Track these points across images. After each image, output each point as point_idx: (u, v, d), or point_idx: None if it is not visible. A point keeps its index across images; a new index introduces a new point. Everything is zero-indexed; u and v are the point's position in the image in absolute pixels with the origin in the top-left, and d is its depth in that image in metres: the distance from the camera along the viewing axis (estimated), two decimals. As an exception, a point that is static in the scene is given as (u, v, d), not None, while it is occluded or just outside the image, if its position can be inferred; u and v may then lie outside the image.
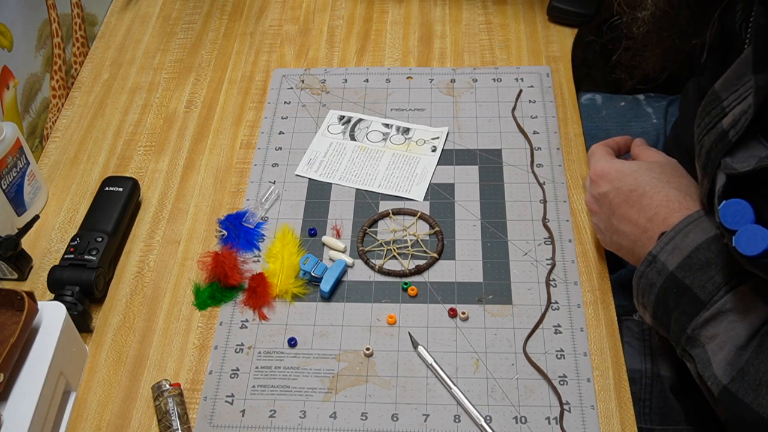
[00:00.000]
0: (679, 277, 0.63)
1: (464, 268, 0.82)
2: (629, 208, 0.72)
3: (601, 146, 0.81)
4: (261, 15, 1.16)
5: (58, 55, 1.06)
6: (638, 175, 0.73)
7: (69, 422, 0.74)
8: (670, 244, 0.65)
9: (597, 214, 0.77)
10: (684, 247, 0.64)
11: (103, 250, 0.82)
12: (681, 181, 0.72)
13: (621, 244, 0.74)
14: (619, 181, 0.74)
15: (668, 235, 0.66)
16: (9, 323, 0.69)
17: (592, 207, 0.78)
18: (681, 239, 0.65)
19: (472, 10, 1.13)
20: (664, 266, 0.65)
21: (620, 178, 0.74)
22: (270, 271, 0.83)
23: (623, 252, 0.75)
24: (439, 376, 0.74)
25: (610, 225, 0.75)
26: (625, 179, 0.74)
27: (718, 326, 0.61)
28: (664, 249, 0.65)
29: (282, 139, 0.97)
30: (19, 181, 0.88)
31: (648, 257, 0.66)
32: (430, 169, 0.92)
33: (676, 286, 0.64)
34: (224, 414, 0.73)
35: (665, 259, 0.65)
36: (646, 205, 0.71)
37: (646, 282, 0.67)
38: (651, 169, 0.74)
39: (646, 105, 1.07)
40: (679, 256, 0.64)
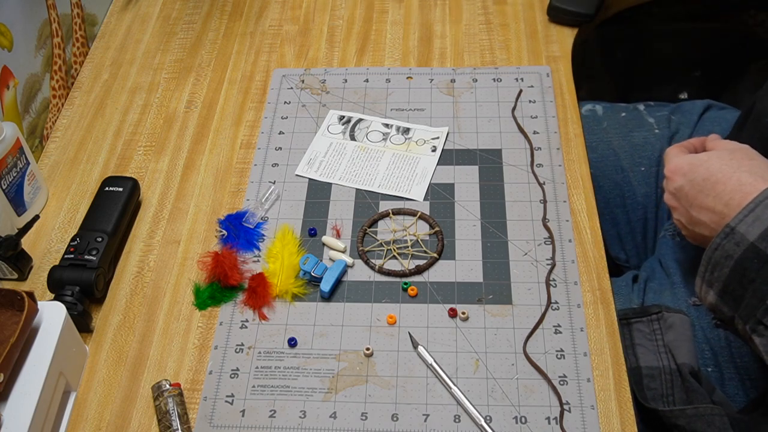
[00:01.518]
0: (761, 248, 0.64)
1: (464, 268, 0.82)
2: (705, 197, 0.73)
3: (674, 147, 0.82)
4: (261, 15, 1.16)
5: (58, 55, 1.06)
6: (709, 164, 0.74)
7: (69, 422, 0.74)
8: (750, 216, 0.66)
9: (677, 209, 0.78)
10: (765, 219, 0.65)
11: (103, 250, 0.82)
12: (752, 163, 0.72)
13: (704, 234, 0.74)
14: (692, 173, 0.75)
15: (748, 207, 0.66)
16: (9, 323, 0.69)
17: (671, 203, 0.79)
18: (762, 211, 0.65)
19: (472, 10, 1.13)
20: (743, 237, 0.65)
21: (692, 169, 0.75)
22: (270, 271, 0.83)
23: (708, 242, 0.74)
24: (439, 376, 0.74)
25: (691, 217, 0.76)
26: (698, 170, 0.75)
27: None
28: (744, 221, 0.66)
29: (282, 139, 0.97)
30: (19, 181, 0.88)
31: (725, 229, 0.67)
32: (430, 169, 0.92)
33: (756, 256, 0.64)
34: (224, 414, 0.73)
35: (744, 230, 0.66)
36: (721, 191, 0.71)
37: (721, 254, 0.67)
38: (720, 156, 0.74)
39: (647, 115, 1.06)
40: (759, 227, 0.65)
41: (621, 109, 1.08)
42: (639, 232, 1.03)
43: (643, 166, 1.02)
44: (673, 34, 1.56)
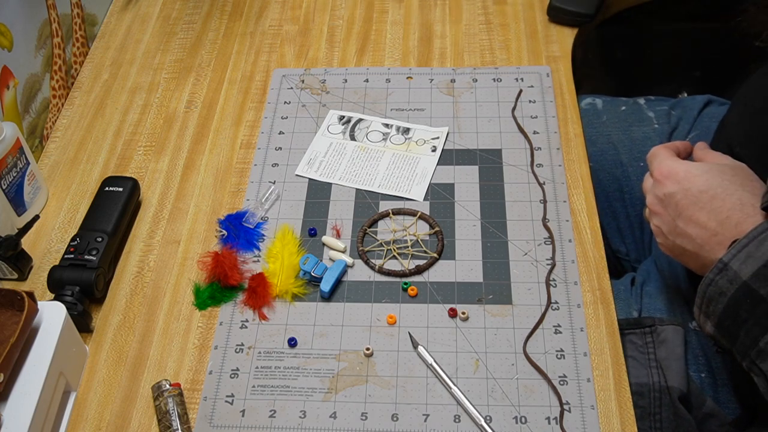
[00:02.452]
0: (754, 287, 0.60)
1: (464, 268, 0.82)
2: (698, 210, 0.69)
3: (662, 147, 0.77)
4: (261, 15, 1.16)
5: (58, 55, 1.06)
6: (709, 176, 0.70)
7: (69, 422, 0.74)
8: (743, 252, 0.62)
9: (661, 215, 0.74)
10: (759, 256, 0.61)
11: (103, 250, 0.82)
12: (754, 185, 0.69)
13: (685, 248, 0.71)
14: (687, 181, 0.70)
15: (741, 242, 0.62)
16: (9, 323, 0.69)
17: (655, 209, 0.75)
18: (755, 247, 0.61)
19: (472, 10, 1.13)
20: (736, 275, 0.62)
21: (689, 178, 0.71)
22: (270, 271, 0.83)
23: (686, 257, 0.72)
24: (439, 376, 0.74)
25: (675, 228, 0.71)
26: (695, 180, 0.70)
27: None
28: (737, 257, 0.62)
29: (282, 139, 0.97)
30: (19, 181, 0.88)
31: (718, 264, 0.63)
32: (430, 169, 0.92)
33: (749, 296, 0.61)
34: (224, 414, 0.73)
35: (738, 267, 0.62)
36: (717, 207, 0.67)
37: (715, 290, 0.63)
38: (722, 171, 0.70)
39: (647, 109, 1.06)
40: (753, 265, 0.61)
41: (621, 103, 1.08)
42: (637, 227, 1.02)
43: (642, 161, 1.01)
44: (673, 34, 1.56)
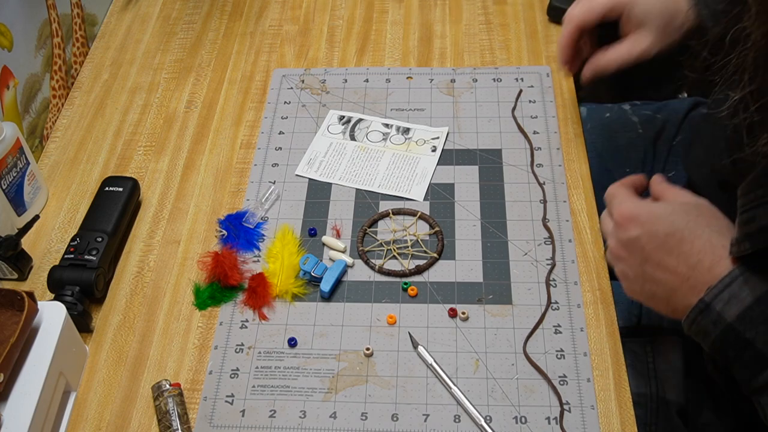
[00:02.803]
0: (740, 330, 0.59)
1: (464, 268, 0.82)
2: (666, 255, 0.65)
3: (620, 186, 0.74)
4: (261, 15, 1.16)
5: (58, 55, 1.06)
6: (674, 218, 0.66)
7: (69, 422, 0.74)
8: (726, 293, 0.60)
9: (626, 260, 0.70)
10: (743, 298, 0.59)
11: (103, 250, 0.82)
12: (720, 223, 0.66)
13: (654, 293, 0.67)
14: (651, 224, 0.67)
15: (723, 282, 0.60)
16: (9, 323, 0.69)
17: (618, 253, 0.71)
18: (738, 288, 0.59)
19: (472, 10, 1.13)
20: (720, 317, 0.60)
21: (653, 221, 0.67)
22: (270, 271, 0.83)
23: (656, 301, 0.68)
24: (439, 376, 0.74)
25: (642, 273, 0.68)
26: (660, 223, 0.67)
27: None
28: (719, 297, 0.60)
29: (282, 139, 0.97)
30: (19, 181, 0.88)
31: (699, 305, 0.61)
32: (430, 169, 0.92)
33: (735, 338, 0.59)
34: (224, 414, 0.73)
35: (721, 308, 0.60)
36: (687, 251, 0.64)
37: (697, 329, 0.62)
38: (687, 211, 0.67)
39: (631, 114, 1.04)
40: (738, 307, 0.59)
41: (605, 109, 1.06)
42: None
43: (628, 168, 1.00)
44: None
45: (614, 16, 0.83)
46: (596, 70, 0.85)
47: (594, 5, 0.83)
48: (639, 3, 0.81)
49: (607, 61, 0.84)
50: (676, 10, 0.80)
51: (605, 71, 0.85)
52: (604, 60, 0.84)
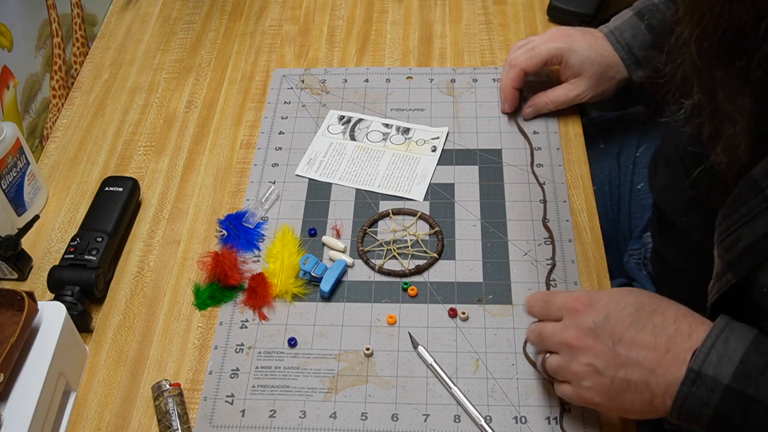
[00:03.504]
0: (739, 389, 0.55)
1: (464, 268, 0.82)
2: (640, 331, 0.61)
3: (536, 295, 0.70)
4: (261, 15, 1.16)
5: (58, 55, 1.06)
6: (635, 296, 0.63)
7: (69, 422, 0.74)
8: (712, 355, 0.57)
9: (593, 348, 0.62)
10: (731, 355, 0.56)
11: (103, 250, 0.82)
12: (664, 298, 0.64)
13: (630, 380, 0.61)
14: (617, 303, 0.63)
15: (706, 345, 0.57)
16: (9, 323, 0.69)
17: (581, 343, 0.63)
18: (723, 347, 0.57)
19: (472, 10, 1.13)
20: (715, 381, 0.56)
21: (616, 300, 0.63)
22: (270, 271, 0.83)
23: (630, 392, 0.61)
24: (439, 376, 0.74)
25: (616, 358, 0.61)
26: (623, 301, 0.63)
27: None
28: (707, 361, 0.57)
29: (282, 139, 0.97)
30: (19, 181, 0.88)
31: (689, 375, 0.57)
32: (430, 169, 0.92)
33: (738, 400, 0.55)
34: (224, 414, 0.73)
35: (714, 372, 0.56)
36: (660, 323, 0.61)
37: (694, 403, 0.57)
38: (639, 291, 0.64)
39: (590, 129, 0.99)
40: (730, 366, 0.56)
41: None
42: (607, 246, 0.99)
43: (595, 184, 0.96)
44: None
45: (554, 63, 0.93)
46: (536, 109, 0.95)
47: (535, 54, 0.92)
48: (576, 53, 0.90)
49: (545, 102, 0.94)
50: (609, 63, 0.90)
51: (543, 111, 0.95)
52: (543, 101, 0.94)
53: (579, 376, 0.63)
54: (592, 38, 0.91)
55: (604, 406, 0.63)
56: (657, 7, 0.90)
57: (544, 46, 0.92)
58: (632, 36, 0.90)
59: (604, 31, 0.93)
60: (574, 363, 0.63)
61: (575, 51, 0.90)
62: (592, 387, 0.63)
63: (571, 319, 0.65)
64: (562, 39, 0.91)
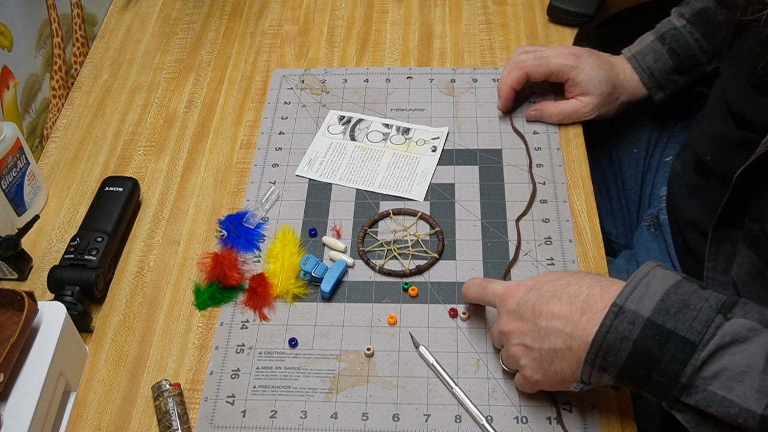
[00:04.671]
0: (658, 323, 0.59)
1: (465, 268, 0.82)
2: (557, 302, 0.65)
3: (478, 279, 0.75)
4: (261, 15, 1.16)
5: (58, 55, 1.06)
6: (555, 274, 0.68)
7: (69, 422, 0.74)
8: (635, 293, 0.61)
9: (518, 329, 0.67)
10: (652, 294, 0.60)
11: (103, 250, 0.82)
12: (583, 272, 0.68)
13: (555, 348, 0.65)
14: (536, 283, 0.68)
15: (629, 287, 0.61)
16: (9, 323, 0.69)
17: (510, 327, 0.68)
18: (644, 288, 0.61)
19: (472, 10, 1.13)
20: (636, 314, 0.60)
21: (537, 281, 0.68)
22: (270, 272, 0.83)
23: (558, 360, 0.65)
24: (441, 376, 0.74)
25: (539, 330, 0.66)
26: (543, 279, 0.68)
27: (722, 361, 0.57)
28: (630, 298, 0.60)
29: (282, 139, 0.97)
30: (19, 181, 0.87)
31: (612, 309, 0.61)
32: (430, 169, 0.92)
33: (657, 332, 0.59)
34: (225, 414, 0.73)
35: (635, 307, 0.60)
36: (575, 291, 0.65)
37: (614, 337, 0.60)
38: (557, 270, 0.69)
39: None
40: (651, 302, 0.60)
41: None
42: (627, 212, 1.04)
43: (635, 148, 1.03)
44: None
45: (558, 79, 0.94)
46: (541, 115, 0.96)
47: (545, 63, 0.93)
48: (584, 72, 0.92)
49: (551, 113, 0.95)
50: (616, 84, 0.93)
51: (546, 120, 0.96)
52: (550, 110, 0.95)
53: (517, 357, 0.69)
54: (599, 60, 0.93)
55: (543, 382, 0.68)
56: (679, 32, 0.93)
57: (555, 60, 0.93)
58: (654, 60, 0.93)
59: (626, 55, 0.95)
60: (511, 347, 0.69)
61: (583, 71, 0.92)
62: (528, 364, 0.68)
63: (501, 307, 0.70)
64: (571, 58, 0.93)
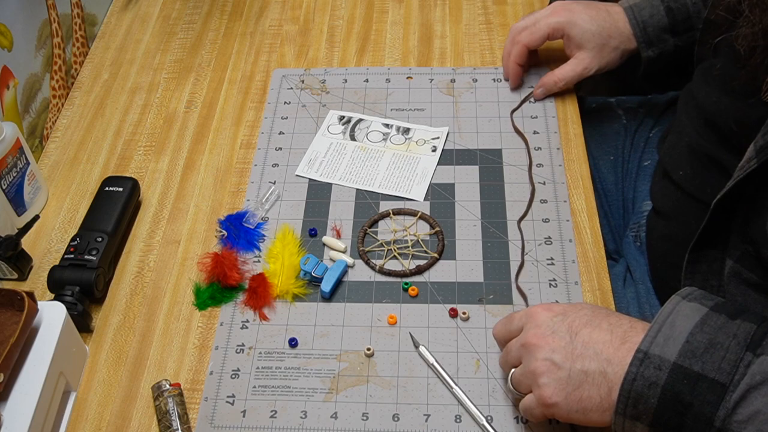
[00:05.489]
0: (685, 366, 0.57)
1: (465, 268, 0.82)
2: (596, 328, 0.62)
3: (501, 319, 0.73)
4: (261, 15, 1.16)
5: (58, 55, 1.06)
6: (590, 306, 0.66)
7: (69, 422, 0.74)
8: (659, 336, 0.59)
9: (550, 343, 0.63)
10: (677, 336, 0.58)
11: (103, 250, 0.82)
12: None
13: (588, 369, 0.61)
14: (573, 309, 0.65)
15: (653, 329, 0.59)
16: (9, 323, 0.69)
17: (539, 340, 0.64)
18: (669, 329, 0.59)
19: (472, 10, 1.13)
20: (662, 359, 0.57)
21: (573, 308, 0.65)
22: (270, 272, 0.83)
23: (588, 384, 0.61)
24: (441, 376, 0.74)
25: (573, 350, 0.62)
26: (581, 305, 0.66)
27: (755, 403, 0.54)
28: (654, 343, 0.58)
29: (282, 139, 0.97)
30: (19, 181, 0.87)
31: (638, 355, 0.58)
32: (430, 169, 0.92)
33: (685, 376, 0.56)
34: (225, 414, 0.73)
35: (660, 351, 0.58)
36: (615, 321, 0.63)
37: (642, 383, 0.58)
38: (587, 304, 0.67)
39: (616, 107, 1.07)
40: (675, 345, 0.58)
41: (591, 101, 1.10)
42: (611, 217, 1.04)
43: (611, 155, 1.03)
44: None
45: (557, 37, 0.94)
46: (546, 89, 0.97)
47: (537, 29, 0.94)
48: (576, 26, 0.92)
49: (554, 81, 0.96)
50: (611, 32, 0.92)
51: (554, 90, 0.97)
52: (552, 80, 0.96)
53: (537, 374, 0.63)
54: (595, 10, 0.92)
55: (561, 406, 0.62)
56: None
57: (544, 21, 0.93)
58: (650, 15, 0.91)
59: (623, 5, 0.94)
60: (533, 361, 0.63)
61: (576, 24, 0.91)
62: (549, 383, 0.62)
63: (530, 321, 0.66)
64: (562, 13, 0.92)
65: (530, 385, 0.64)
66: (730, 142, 0.74)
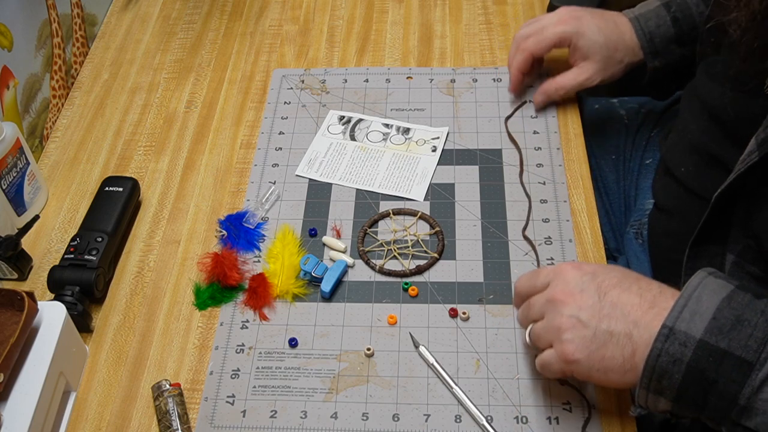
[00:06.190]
0: (711, 343, 0.56)
1: (465, 268, 0.82)
2: (625, 290, 0.62)
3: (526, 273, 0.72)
4: (261, 15, 1.16)
5: (58, 55, 1.06)
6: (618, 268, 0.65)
7: (69, 422, 0.74)
8: (686, 311, 0.58)
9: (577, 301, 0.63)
10: (704, 311, 0.57)
11: (103, 250, 0.82)
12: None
13: (614, 330, 0.61)
14: (603, 267, 0.65)
15: (679, 303, 0.58)
16: (9, 323, 0.69)
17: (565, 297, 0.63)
18: (695, 304, 0.58)
19: (472, 10, 1.13)
20: (687, 335, 0.57)
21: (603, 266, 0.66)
22: (270, 272, 0.83)
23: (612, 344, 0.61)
24: (441, 376, 0.74)
25: (600, 310, 0.62)
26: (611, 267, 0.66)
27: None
28: (681, 317, 0.58)
29: (282, 139, 0.97)
30: (19, 181, 0.87)
31: (663, 331, 0.58)
32: (430, 169, 0.92)
33: (710, 353, 0.56)
34: (225, 414, 0.73)
35: (686, 327, 0.57)
36: (645, 285, 0.62)
37: (667, 360, 0.57)
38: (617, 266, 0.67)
39: (619, 107, 1.08)
40: (702, 321, 0.57)
41: (594, 101, 1.10)
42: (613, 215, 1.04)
43: (613, 155, 1.04)
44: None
45: (563, 45, 0.93)
46: (547, 96, 0.95)
47: (544, 38, 0.92)
48: (584, 36, 0.90)
49: (555, 89, 0.94)
50: (618, 45, 0.91)
51: (554, 97, 0.95)
52: (553, 87, 0.94)
53: (561, 330, 0.62)
54: (603, 21, 0.91)
55: (582, 363, 0.62)
56: (685, 2, 0.91)
57: (552, 30, 0.91)
58: (656, 26, 0.91)
59: (629, 16, 0.93)
60: (558, 317, 0.63)
61: (584, 35, 0.90)
62: (573, 339, 0.62)
63: (558, 277, 0.65)
64: (570, 22, 0.91)
65: (552, 341, 0.64)
66: (733, 137, 0.74)
